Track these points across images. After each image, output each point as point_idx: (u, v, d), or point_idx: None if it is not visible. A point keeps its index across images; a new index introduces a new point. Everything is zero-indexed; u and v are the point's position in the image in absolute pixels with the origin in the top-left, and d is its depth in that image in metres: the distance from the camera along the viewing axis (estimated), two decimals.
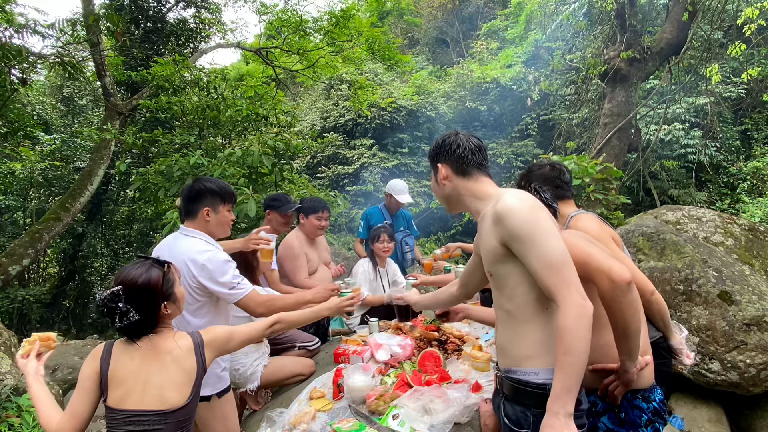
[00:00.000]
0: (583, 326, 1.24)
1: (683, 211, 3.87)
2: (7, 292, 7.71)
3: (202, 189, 2.15)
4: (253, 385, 2.65)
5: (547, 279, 1.27)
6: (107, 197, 10.20)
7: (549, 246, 1.28)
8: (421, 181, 10.44)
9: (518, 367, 1.38)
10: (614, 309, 1.44)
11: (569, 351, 1.23)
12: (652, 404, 1.59)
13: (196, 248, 2.06)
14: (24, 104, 10.07)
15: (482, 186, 1.50)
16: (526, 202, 1.35)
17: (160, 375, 1.47)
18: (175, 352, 1.51)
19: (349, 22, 9.80)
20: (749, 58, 9.40)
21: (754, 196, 9.12)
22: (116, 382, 1.45)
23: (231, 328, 1.71)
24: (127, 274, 1.49)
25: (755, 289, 2.90)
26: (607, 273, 1.41)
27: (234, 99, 6.58)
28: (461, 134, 1.55)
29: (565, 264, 1.28)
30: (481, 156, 1.52)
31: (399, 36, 17.93)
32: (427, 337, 2.86)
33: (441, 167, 1.53)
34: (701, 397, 2.86)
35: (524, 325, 1.36)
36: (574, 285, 1.27)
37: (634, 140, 8.31)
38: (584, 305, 1.25)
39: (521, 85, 11.95)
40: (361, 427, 2.03)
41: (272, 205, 3.30)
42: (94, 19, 7.44)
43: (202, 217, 2.14)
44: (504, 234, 1.33)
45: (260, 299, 2.12)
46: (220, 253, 2.10)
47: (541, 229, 1.30)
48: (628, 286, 1.41)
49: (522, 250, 1.30)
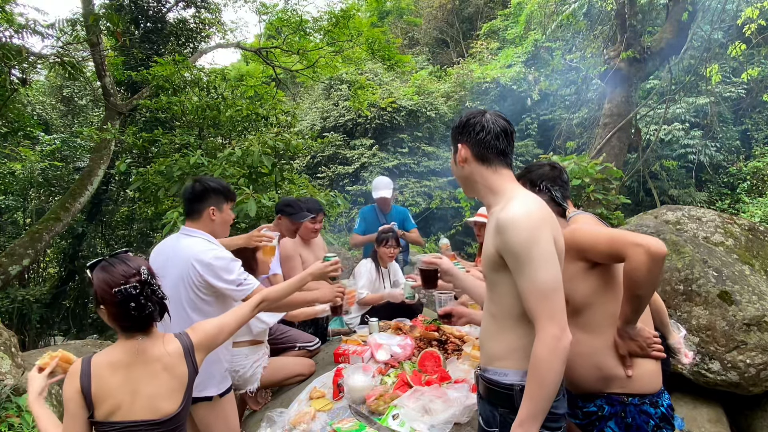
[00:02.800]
0: (557, 359, 1.23)
1: (683, 211, 3.87)
2: (7, 292, 7.71)
3: (207, 188, 2.15)
4: (253, 387, 2.65)
5: (532, 303, 1.26)
6: (107, 197, 10.18)
7: (542, 271, 1.24)
8: (421, 181, 10.44)
9: (491, 366, 1.40)
10: (644, 281, 1.45)
11: (541, 383, 1.24)
12: (659, 409, 1.58)
13: (200, 247, 2.07)
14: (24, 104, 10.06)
15: (499, 179, 1.41)
16: (531, 217, 1.28)
17: (150, 384, 1.43)
18: (165, 359, 1.46)
19: (349, 22, 9.79)
20: (749, 58, 9.40)
21: (754, 196, 9.12)
22: (102, 397, 1.39)
23: (219, 320, 1.66)
24: (140, 262, 1.45)
25: (755, 289, 2.90)
26: (645, 247, 1.42)
27: (234, 99, 6.59)
28: (488, 114, 1.43)
29: (555, 292, 1.25)
30: (506, 142, 1.41)
31: (399, 36, 17.91)
32: (427, 337, 2.86)
33: (461, 148, 1.44)
34: (701, 397, 2.86)
35: (504, 330, 1.36)
36: (558, 316, 1.25)
37: (634, 140, 8.31)
38: (561, 338, 1.23)
39: (521, 85, 11.94)
40: (361, 427, 2.03)
41: (285, 211, 3.23)
42: (94, 19, 7.43)
43: (207, 216, 2.14)
44: (502, 246, 1.30)
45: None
46: (225, 251, 2.10)
47: (539, 251, 1.25)
48: (663, 260, 1.44)
49: (515, 267, 1.28)
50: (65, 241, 9.97)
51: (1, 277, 6.47)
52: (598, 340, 1.59)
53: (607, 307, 1.59)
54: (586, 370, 1.62)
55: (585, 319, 1.60)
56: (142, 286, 1.39)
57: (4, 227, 9.84)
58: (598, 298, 1.59)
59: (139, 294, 1.38)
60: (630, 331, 1.54)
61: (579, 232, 1.62)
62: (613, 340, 1.57)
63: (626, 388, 1.57)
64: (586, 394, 1.66)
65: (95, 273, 1.42)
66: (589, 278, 1.59)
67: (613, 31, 8.40)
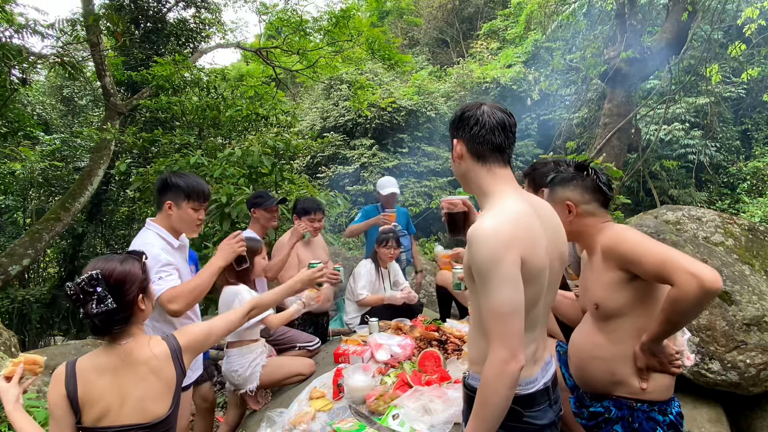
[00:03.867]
0: (503, 384, 1.18)
1: (683, 211, 3.86)
2: (7, 292, 7.71)
3: (167, 182, 2.16)
4: (252, 386, 2.66)
5: (487, 323, 1.22)
6: (107, 197, 10.18)
7: (500, 294, 1.18)
8: (421, 181, 10.44)
9: (471, 371, 1.39)
10: (688, 312, 1.39)
11: (485, 405, 1.21)
12: (668, 417, 1.56)
13: (138, 241, 2.10)
14: (24, 104, 10.07)
15: (492, 180, 1.32)
16: (499, 235, 1.19)
17: (138, 387, 1.40)
18: (152, 362, 1.43)
19: (349, 22, 9.80)
20: (749, 58, 9.39)
21: (754, 196, 9.12)
22: (90, 402, 1.36)
23: (208, 323, 1.64)
24: (104, 262, 1.40)
25: (755, 289, 2.90)
26: (699, 279, 1.33)
27: (234, 99, 6.59)
28: (484, 107, 1.33)
29: (510, 316, 1.18)
30: (503, 136, 1.31)
31: (399, 36, 17.91)
32: (427, 337, 2.86)
33: (457, 143, 1.36)
34: (701, 397, 2.86)
35: (482, 336, 1.32)
36: (510, 340, 1.18)
37: (634, 140, 8.32)
38: (509, 363, 1.17)
39: (521, 85, 11.95)
40: (361, 427, 2.03)
41: (257, 203, 3.36)
42: (94, 19, 7.44)
43: (165, 210, 2.15)
44: (470, 260, 1.25)
45: (174, 293, 2.01)
46: (156, 249, 2.06)
47: (500, 273, 1.17)
48: (715, 295, 1.34)
49: (478, 282, 1.23)
50: (65, 241, 9.97)
51: (1, 277, 6.47)
52: (618, 348, 1.56)
53: (636, 320, 1.54)
54: (599, 372, 1.61)
55: (611, 327, 1.57)
56: (78, 291, 1.34)
57: (4, 227, 9.85)
58: (629, 310, 1.54)
59: (75, 299, 1.34)
60: (655, 347, 1.50)
61: (627, 242, 1.52)
62: (633, 351, 1.54)
63: (636, 394, 1.56)
64: (594, 393, 1.66)
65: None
66: (625, 290, 1.53)
67: (613, 31, 8.40)
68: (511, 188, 1.32)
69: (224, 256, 2.20)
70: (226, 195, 4.28)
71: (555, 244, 1.33)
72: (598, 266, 1.61)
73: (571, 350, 1.75)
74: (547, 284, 1.30)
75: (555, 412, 1.36)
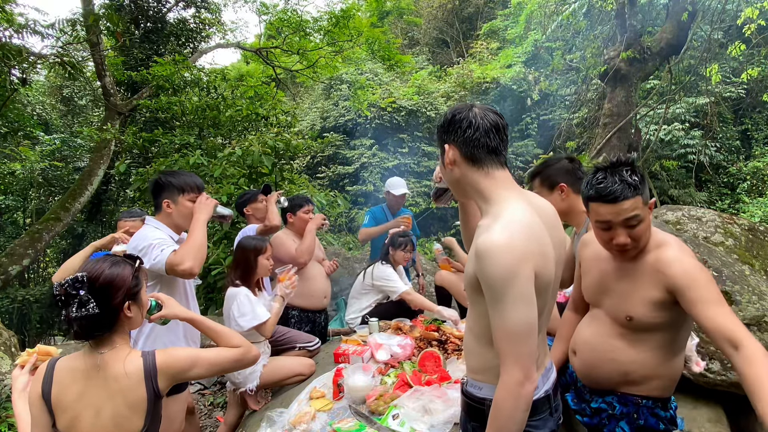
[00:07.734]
0: (518, 408, 1.14)
1: (683, 211, 3.86)
2: (7, 292, 7.71)
3: (159, 183, 2.22)
4: (252, 385, 2.66)
5: (499, 342, 1.16)
6: (107, 197, 10.18)
7: (516, 313, 1.12)
8: (421, 181, 10.44)
9: (469, 378, 1.37)
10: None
11: (501, 429, 1.16)
12: (669, 412, 1.58)
13: (142, 234, 2.14)
14: (24, 104, 10.07)
15: (491, 183, 1.25)
16: (513, 249, 1.12)
17: (107, 404, 1.33)
18: (122, 381, 1.33)
19: (349, 22, 9.81)
20: (749, 58, 9.39)
21: (754, 196, 9.11)
22: (62, 407, 1.31)
23: (196, 351, 1.50)
24: (93, 265, 1.35)
25: (755, 289, 2.90)
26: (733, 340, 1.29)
27: (234, 99, 6.59)
28: (476, 109, 1.26)
29: (526, 336, 1.13)
30: (498, 138, 1.24)
31: (399, 36, 17.92)
32: (427, 337, 2.86)
33: (448, 148, 1.27)
34: (701, 397, 2.86)
35: (482, 347, 1.29)
36: (523, 360, 1.13)
37: (634, 140, 8.31)
38: (524, 385, 1.13)
39: (521, 85, 11.94)
40: (361, 427, 2.03)
41: (245, 201, 3.48)
42: (94, 19, 7.44)
43: (164, 209, 2.21)
44: (479, 272, 1.17)
45: (179, 254, 2.02)
46: (154, 237, 2.10)
47: (515, 290, 1.11)
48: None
49: (489, 298, 1.16)
50: (65, 241, 9.98)
51: (1, 277, 6.48)
52: (640, 356, 1.54)
53: (666, 335, 1.52)
54: (611, 372, 1.59)
55: (638, 337, 1.54)
56: (62, 293, 1.30)
57: (4, 227, 9.85)
58: (665, 327, 1.51)
59: (58, 300, 1.31)
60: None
61: (689, 272, 1.41)
62: (655, 359, 1.52)
63: (642, 391, 1.56)
64: (597, 389, 1.65)
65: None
66: (667, 310, 1.48)
67: (613, 31, 8.41)
68: (514, 192, 1.26)
69: (204, 209, 2.21)
70: (226, 195, 4.28)
71: (559, 252, 1.30)
72: (641, 278, 1.52)
73: (582, 347, 1.69)
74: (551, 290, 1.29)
75: (555, 421, 1.33)
